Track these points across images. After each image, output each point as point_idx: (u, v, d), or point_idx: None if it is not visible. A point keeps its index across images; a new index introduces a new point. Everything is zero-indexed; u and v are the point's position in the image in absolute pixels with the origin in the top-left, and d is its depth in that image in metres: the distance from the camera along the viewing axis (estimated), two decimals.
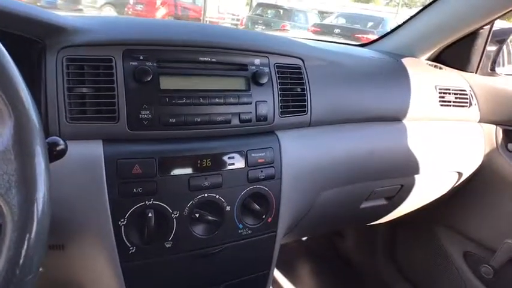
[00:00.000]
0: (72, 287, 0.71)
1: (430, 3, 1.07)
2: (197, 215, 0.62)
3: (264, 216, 0.69)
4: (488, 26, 1.05)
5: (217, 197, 0.64)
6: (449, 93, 1.02)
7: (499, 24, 1.12)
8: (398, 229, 1.49)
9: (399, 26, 1.16)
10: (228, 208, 0.65)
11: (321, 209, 0.87)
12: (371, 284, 1.54)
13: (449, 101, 1.01)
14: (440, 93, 1.00)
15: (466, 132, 1.07)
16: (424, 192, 1.10)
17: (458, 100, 1.03)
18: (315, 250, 1.70)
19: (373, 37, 3.54)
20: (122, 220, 0.57)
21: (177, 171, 0.61)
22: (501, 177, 1.10)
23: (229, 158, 0.65)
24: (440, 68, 1.09)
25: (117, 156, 0.57)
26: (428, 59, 1.13)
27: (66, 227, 0.57)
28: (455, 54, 1.11)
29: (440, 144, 1.01)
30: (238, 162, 0.66)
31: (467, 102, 1.05)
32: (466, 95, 1.05)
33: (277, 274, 1.58)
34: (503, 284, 1.13)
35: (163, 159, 0.59)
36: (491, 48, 1.12)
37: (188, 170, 0.61)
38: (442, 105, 1.00)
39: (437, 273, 1.33)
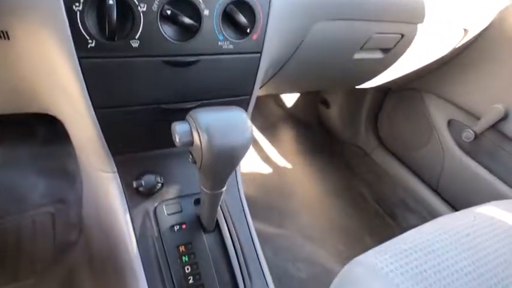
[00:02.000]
0: (24, 93, 0.64)
1: None
2: (168, 12, 0.53)
3: (248, 31, 0.60)
4: None
5: None
6: None
7: None
8: (386, 98, 1.46)
9: None
10: (206, 12, 0.55)
11: (313, 47, 0.79)
12: (350, 152, 1.57)
13: None
14: None
15: None
16: (424, 48, 1.02)
17: None
18: (299, 118, 1.68)
19: None
20: (77, 4, 0.48)
21: None
22: (508, 37, 1.02)
23: None
24: None
25: None
26: None
27: (8, 7, 0.47)
28: None
29: None
30: None
31: None
32: None
33: (259, 136, 1.57)
34: (480, 150, 1.14)
35: None
36: None
37: None
38: None
39: (418, 142, 1.33)
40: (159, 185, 0.63)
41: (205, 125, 0.46)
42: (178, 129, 0.47)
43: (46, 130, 1.28)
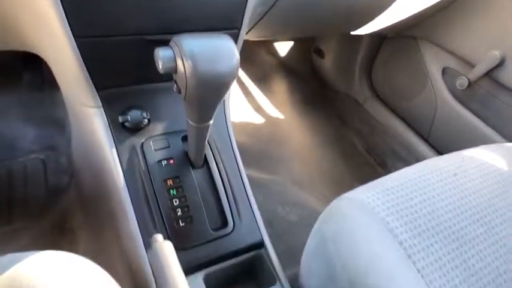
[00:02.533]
0: (8, 29, 0.62)
1: None
2: None
3: None
4: None
5: None
6: None
7: None
8: (381, 46, 1.43)
9: None
10: None
11: None
12: (343, 102, 1.55)
13: None
14: None
15: None
16: None
17: None
18: (292, 67, 1.65)
19: None
20: None
21: None
22: None
23: None
24: None
25: None
26: None
27: None
28: None
29: None
30: None
31: None
32: None
33: (251, 86, 1.55)
34: (473, 98, 1.13)
35: None
36: None
37: None
38: None
39: (412, 91, 1.32)
40: (146, 120, 0.62)
41: (190, 50, 0.44)
42: (162, 55, 0.45)
43: (33, 77, 1.25)
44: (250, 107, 1.45)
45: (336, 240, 0.52)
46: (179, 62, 0.45)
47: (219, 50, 0.46)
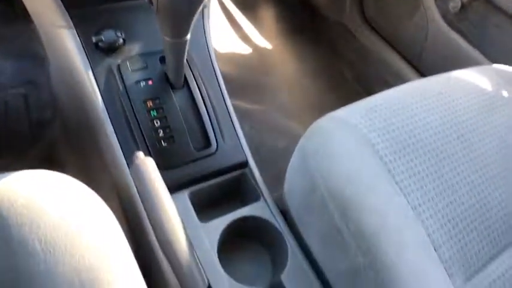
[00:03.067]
0: None
1: None
2: None
3: None
4: None
5: None
6: None
7: None
8: None
9: None
10: None
11: None
12: (333, 30, 1.50)
13: None
14: None
15: None
16: None
17: None
18: None
19: None
20: None
21: None
22: None
23: None
24: None
25: None
26: None
27: None
28: None
29: None
30: None
31: None
32: None
33: (238, 15, 1.48)
34: (465, 21, 1.10)
35: None
36: None
37: None
38: None
39: (403, 16, 1.28)
40: (121, 40, 0.60)
41: None
42: None
43: (4, 8, 1.18)
44: (236, 36, 1.39)
45: (317, 155, 0.52)
46: None
47: None
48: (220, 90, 0.65)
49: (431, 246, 0.51)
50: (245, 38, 1.40)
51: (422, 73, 1.27)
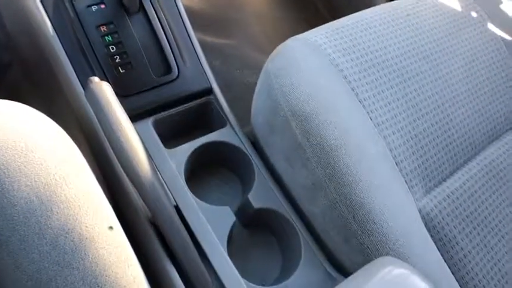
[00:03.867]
0: None
1: None
2: None
3: None
4: None
5: None
6: None
7: None
8: None
9: None
10: None
11: None
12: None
13: None
14: None
15: None
16: None
17: None
18: None
19: None
20: None
21: None
22: None
23: None
24: None
25: None
26: None
27: None
28: None
29: None
30: None
31: None
32: None
33: None
34: None
35: None
36: None
37: None
38: None
39: None
40: None
41: None
42: None
43: None
44: None
45: (280, 75, 0.51)
46: None
47: None
48: (179, 13, 0.62)
49: (392, 160, 0.53)
50: None
51: None
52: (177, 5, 0.62)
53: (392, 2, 0.73)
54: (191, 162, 0.56)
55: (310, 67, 0.52)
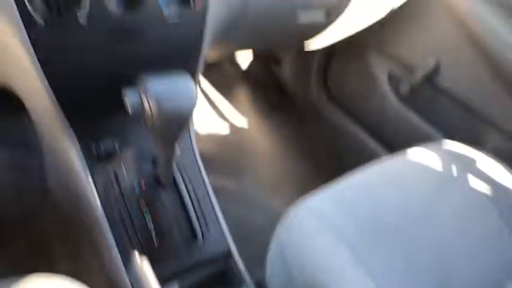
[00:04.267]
0: None
1: None
2: None
3: (191, 3, 0.64)
4: None
5: None
6: None
7: None
8: (332, 58, 1.53)
9: None
10: None
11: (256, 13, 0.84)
12: (303, 109, 1.65)
13: None
14: None
15: None
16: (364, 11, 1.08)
17: None
18: (255, 78, 1.73)
19: None
20: None
21: None
22: None
23: None
24: None
25: None
26: None
27: None
28: None
29: None
30: None
31: None
32: None
33: (216, 96, 1.62)
34: (416, 101, 1.25)
35: None
36: None
37: None
38: None
39: (364, 95, 1.43)
40: (117, 147, 0.69)
41: (155, 94, 0.51)
42: (129, 101, 0.53)
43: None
44: (215, 117, 1.52)
45: (292, 247, 0.61)
46: (146, 105, 0.52)
47: (179, 90, 0.53)
48: (206, 188, 0.74)
49: None
50: (223, 118, 1.54)
51: (384, 143, 1.40)
52: (204, 181, 0.74)
53: (383, 162, 0.85)
54: None
55: (317, 239, 0.61)
